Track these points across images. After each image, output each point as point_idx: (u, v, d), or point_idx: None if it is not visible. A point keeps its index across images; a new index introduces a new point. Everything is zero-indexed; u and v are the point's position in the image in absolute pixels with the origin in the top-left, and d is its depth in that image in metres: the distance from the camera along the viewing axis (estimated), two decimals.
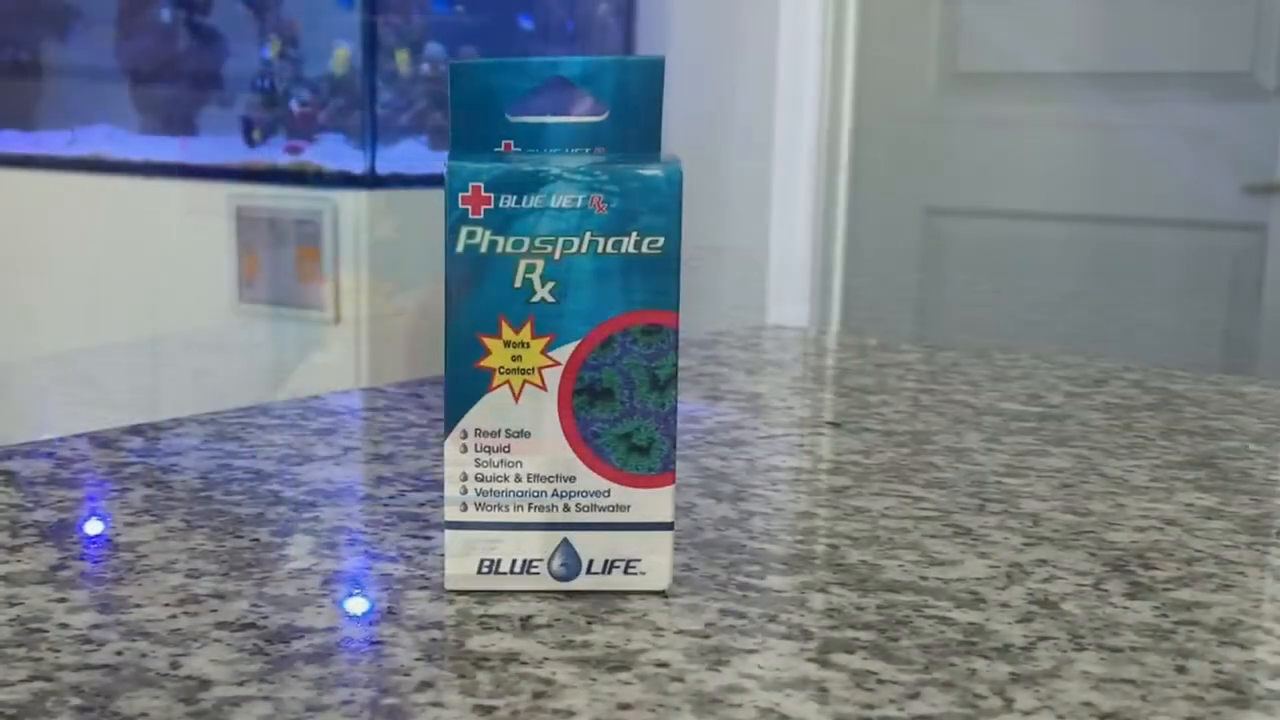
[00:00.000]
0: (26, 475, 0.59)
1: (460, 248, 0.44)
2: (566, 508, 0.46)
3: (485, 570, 0.46)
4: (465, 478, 0.45)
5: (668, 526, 0.46)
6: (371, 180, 2.18)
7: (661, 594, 0.46)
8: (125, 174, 2.46)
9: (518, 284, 0.44)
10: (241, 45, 2.39)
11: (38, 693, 0.37)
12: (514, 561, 0.46)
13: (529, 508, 0.45)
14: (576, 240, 0.44)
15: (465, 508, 0.45)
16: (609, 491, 0.46)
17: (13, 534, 0.51)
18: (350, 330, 2.18)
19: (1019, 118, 2.31)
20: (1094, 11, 2.21)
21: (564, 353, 0.45)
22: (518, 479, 0.45)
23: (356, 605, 0.45)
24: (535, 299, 0.44)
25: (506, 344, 0.45)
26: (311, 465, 0.61)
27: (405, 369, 2.18)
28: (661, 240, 0.44)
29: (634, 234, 0.44)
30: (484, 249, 0.44)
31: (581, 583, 0.46)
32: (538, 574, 0.46)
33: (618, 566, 0.46)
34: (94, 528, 0.52)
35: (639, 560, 0.46)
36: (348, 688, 0.38)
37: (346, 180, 2.18)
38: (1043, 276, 2.32)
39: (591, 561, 0.46)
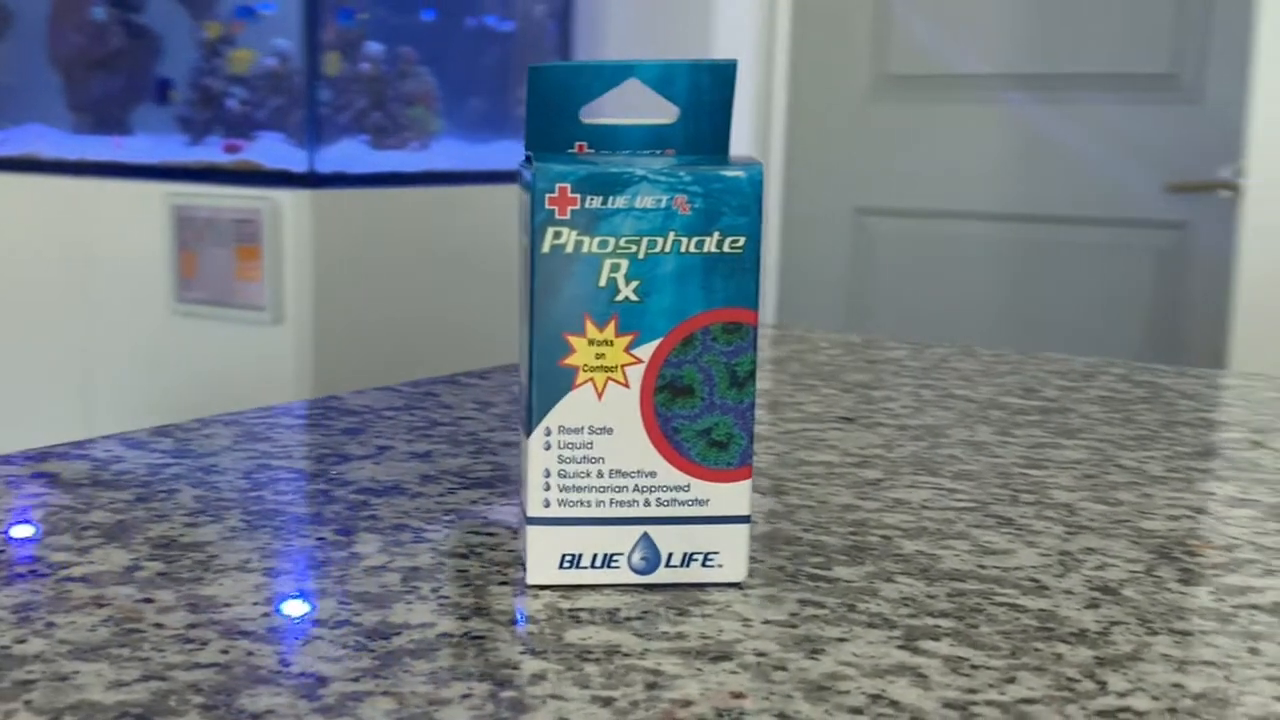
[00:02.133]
0: (69, 477, 0.58)
1: (546, 248, 0.45)
2: (647, 502, 0.46)
3: (567, 565, 0.46)
4: (549, 474, 0.46)
5: (745, 519, 0.47)
6: (313, 179, 2.16)
7: (738, 586, 0.47)
8: (58, 173, 2.43)
9: (602, 283, 0.45)
10: (178, 43, 2.36)
11: (156, 692, 0.37)
12: (595, 556, 0.46)
13: (610, 503, 0.46)
14: (660, 240, 0.45)
15: (548, 504, 0.46)
16: (689, 486, 0.46)
17: (75, 536, 0.50)
18: (293, 331, 2.16)
19: (948, 119, 2.34)
20: (1021, 14, 2.25)
21: (646, 350, 0.45)
22: (600, 474, 0.46)
23: (444, 600, 0.45)
24: (620, 298, 0.45)
25: (591, 342, 0.45)
26: (352, 464, 0.62)
27: (352, 371, 2.17)
28: (743, 240, 0.45)
29: (716, 234, 0.45)
30: (569, 249, 0.45)
31: (660, 576, 0.47)
32: (618, 568, 0.47)
33: (696, 559, 0.47)
34: (156, 529, 0.52)
35: (717, 553, 0.47)
36: (462, 681, 0.39)
37: (287, 179, 2.17)
38: (971, 274, 2.35)
39: (670, 555, 0.47)
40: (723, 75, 0.48)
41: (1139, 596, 0.48)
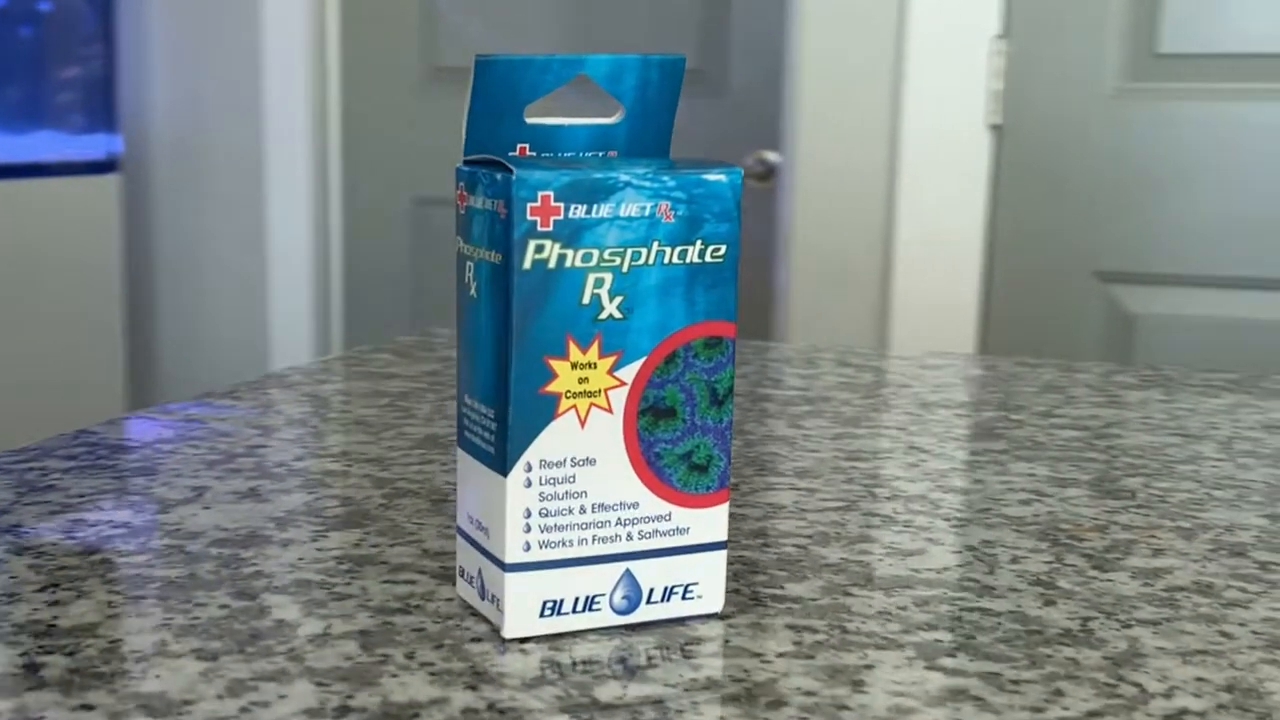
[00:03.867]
0: None
1: (528, 263, 0.40)
2: (629, 536, 0.43)
3: (548, 613, 0.42)
4: (529, 514, 0.41)
5: (723, 546, 0.44)
6: None
7: (718, 616, 0.44)
8: None
9: (585, 300, 0.41)
10: None
11: None
12: (577, 599, 0.42)
13: (593, 540, 0.42)
14: (644, 251, 0.41)
15: (529, 547, 0.41)
16: (670, 515, 0.43)
17: None
18: None
19: None
20: (560, 12, 2.28)
21: (630, 371, 0.42)
22: (582, 510, 0.42)
23: (429, 668, 0.40)
24: (603, 316, 0.41)
25: (574, 366, 0.41)
26: (180, 511, 0.53)
27: None
28: (724, 249, 0.42)
29: (698, 242, 0.42)
30: (552, 264, 0.40)
31: (641, 614, 0.43)
32: (599, 610, 0.43)
33: (676, 592, 0.44)
34: (18, 612, 0.43)
35: (696, 584, 0.44)
36: None
37: None
38: None
39: (651, 590, 0.43)
40: (671, 71, 0.44)
41: (1078, 589, 0.48)
